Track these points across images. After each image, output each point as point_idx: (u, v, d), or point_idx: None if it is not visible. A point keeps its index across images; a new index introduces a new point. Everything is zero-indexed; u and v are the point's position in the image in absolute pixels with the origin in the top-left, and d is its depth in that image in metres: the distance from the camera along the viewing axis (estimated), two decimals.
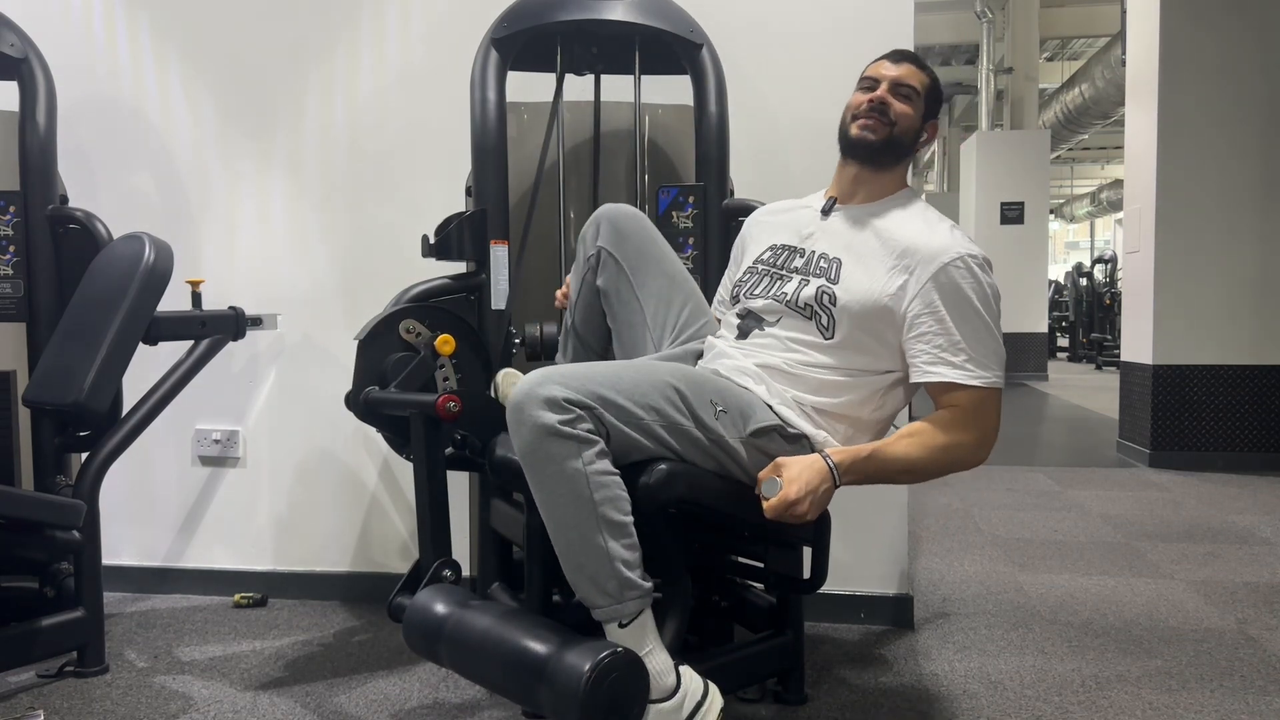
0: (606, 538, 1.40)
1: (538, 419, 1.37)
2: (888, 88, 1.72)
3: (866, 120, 1.71)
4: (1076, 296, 14.31)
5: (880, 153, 1.73)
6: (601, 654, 1.35)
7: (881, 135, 1.71)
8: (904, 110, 1.72)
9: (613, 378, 1.46)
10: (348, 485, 2.74)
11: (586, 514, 1.39)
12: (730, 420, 1.55)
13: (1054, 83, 13.18)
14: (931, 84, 1.77)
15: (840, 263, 1.69)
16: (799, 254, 1.76)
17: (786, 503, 1.46)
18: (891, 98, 1.72)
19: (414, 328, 1.96)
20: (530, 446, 1.39)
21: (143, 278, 2.10)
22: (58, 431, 2.24)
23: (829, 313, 1.66)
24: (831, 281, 1.68)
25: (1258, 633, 2.46)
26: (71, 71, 2.60)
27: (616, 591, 1.41)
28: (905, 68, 1.74)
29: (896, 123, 1.72)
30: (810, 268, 1.72)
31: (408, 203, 2.66)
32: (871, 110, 1.71)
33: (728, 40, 2.22)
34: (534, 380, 1.41)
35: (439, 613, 1.56)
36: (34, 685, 2.09)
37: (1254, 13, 4.93)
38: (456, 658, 1.54)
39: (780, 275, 1.75)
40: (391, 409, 1.87)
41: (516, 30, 2.09)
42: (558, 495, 1.39)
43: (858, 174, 1.76)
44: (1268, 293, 4.99)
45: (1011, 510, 3.99)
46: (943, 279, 1.62)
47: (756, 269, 1.80)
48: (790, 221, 1.83)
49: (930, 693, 2.06)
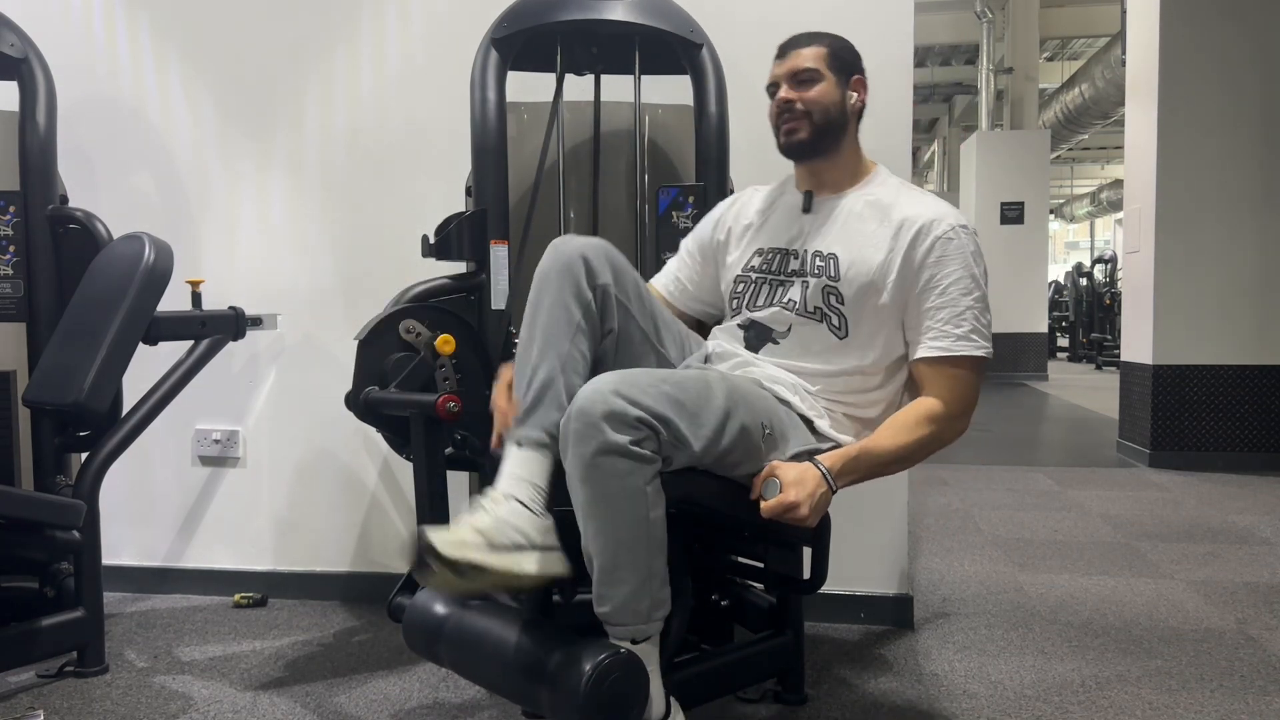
0: (654, 558, 1.40)
1: (606, 436, 1.35)
2: (787, 84, 1.72)
3: (785, 125, 1.72)
4: (1076, 296, 14.31)
5: (817, 143, 1.72)
6: (602, 655, 1.35)
7: (806, 132, 1.71)
8: (812, 95, 1.71)
9: (677, 397, 1.43)
10: (348, 485, 2.74)
11: (642, 533, 1.38)
12: (773, 441, 1.57)
13: (1054, 83, 13.18)
14: (830, 50, 1.74)
15: (836, 257, 1.69)
16: (793, 256, 1.74)
17: (785, 505, 1.46)
18: (794, 91, 1.71)
19: (414, 328, 1.96)
20: (592, 460, 1.36)
21: (143, 278, 2.10)
22: (58, 431, 2.24)
23: (838, 312, 1.67)
24: (833, 279, 1.67)
25: (1258, 633, 2.46)
26: (71, 71, 2.60)
27: (647, 611, 1.41)
28: (794, 55, 1.73)
29: (813, 110, 1.70)
30: (808, 268, 1.71)
31: (408, 203, 2.66)
32: (783, 113, 1.72)
33: (728, 40, 2.22)
34: (602, 392, 1.37)
35: (439, 613, 1.56)
36: (34, 685, 2.09)
37: (1253, 13, 4.93)
38: (456, 658, 1.54)
39: (780, 281, 1.73)
40: (392, 409, 1.87)
41: (516, 30, 2.09)
42: (616, 511, 1.38)
43: (815, 168, 1.77)
44: (1267, 293, 4.99)
45: (1011, 510, 3.99)
46: (940, 251, 1.63)
47: (750, 277, 1.78)
48: (773, 220, 1.81)
49: (930, 693, 2.06)
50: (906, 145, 2.48)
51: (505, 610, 1.57)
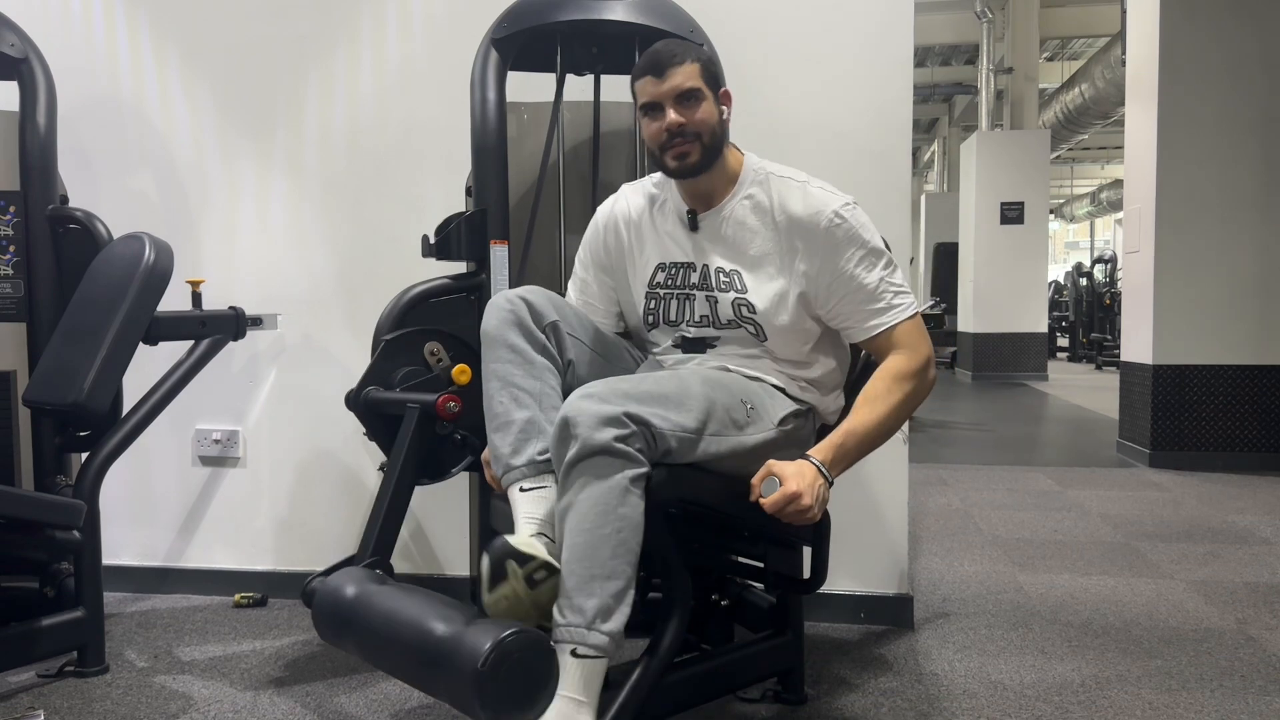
0: (617, 558, 1.39)
1: (589, 436, 1.38)
2: (672, 106, 1.65)
3: (675, 149, 1.66)
4: (1076, 296, 14.30)
5: (707, 163, 1.69)
6: (505, 632, 1.25)
7: (697, 153, 1.67)
8: (698, 115, 1.66)
9: (656, 391, 1.48)
10: (348, 485, 2.74)
11: (608, 529, 1.38)
12: (757, 415, 1.61)
13: (1054, 83, 13.18)
14: (703, 64, 1.68)
15: (739, 274, 1.72)
16: (692, 270, 1.75)
17: (788, 495, 1.47)
18: (681, 113, 1.65)
19: (438, 351, 1.97)
20: (577, 462, 1.39)
21: (143, 278, 2.10)
22: (58, 431, 2.24)
23: (752, 322, 1.71)
24: (741, 292, 1.71)
25: (1258, 633, 2.46)
26: (71, 71, 2.60)
27: (591, 613, 1.36)
28: (671, 74, 1.64)
29: (700, 129, 1.66)
30: (712, 283, 1.73)
31: (408, 202, 2.66)
32: (674, 137, 1.66)
33: (728, 40, 2.22)
34: (583, 397, 1.42)
35: (348, 595, 1.46)
36: (34, 685, 2.09)
37: (1254, 13, 4.93)
38: (363, 641, 1.44)
39: (685, 294, 1.76)
40: (392, 408, 1.87)
41: (516, 30, 2.09)
42: (588, 506, 1.39)
43: (698, 184, 1.73)
44: (1268, 293, 4.99)
45: (1011, 510, 3.99)
46: (829, 242, 1.66)
47: (657, 294, 1.79)
48: (662, 234, 1.79)
49: (930, 693, 2.06)
50: (906, 145, 2.48)
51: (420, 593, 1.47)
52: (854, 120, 2.46)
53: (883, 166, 2.46)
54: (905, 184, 2.48)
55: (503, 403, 1.56)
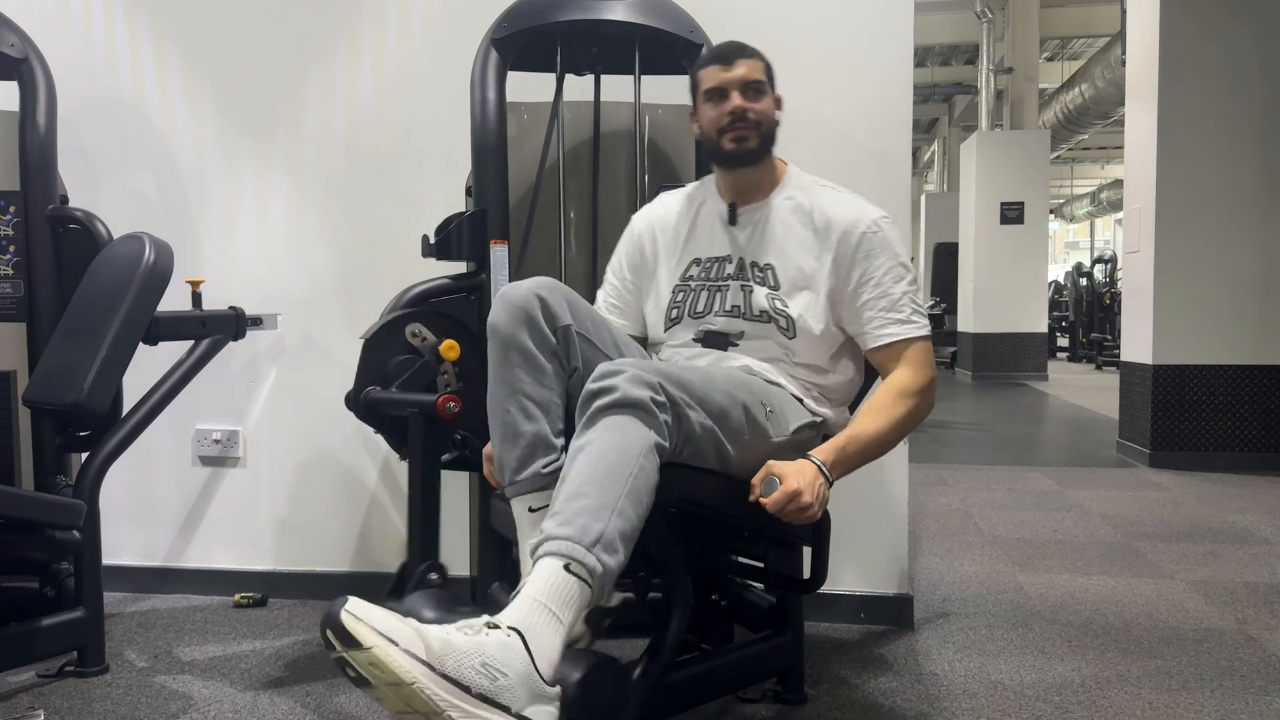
0: (628, 500, 1.30)
1: (624, 390, 1.36)
2: (739, 93, 1.73)
3: (736, 132, 1.73)
4: (1076, 296, 14.31)
5: (761, 153, 1.77)
6: (586, 662, 1.31)
7: (755, 140, 1.74)
8: (761, 107, 1.75)
9: (683, 378, 1.48)
10: (348, 485, 2.74)
11: (625, 470, 1.31)
12: (776, 420, 1.62)
13: (1054, 83, 13.18)
14: (767, 64, 1.78)
15: (773, 268, 1.75)
16: (728, 261, 1.78)
17: (789, 494, 1.47)
18: (746, 101, 1.73)
19: (420, 332, 1.96)
20: (606, 411, 1.35)
21: (143, 278, 2.10)
22: (58, 431, 2.24)
23: (785, 316, 1.72)
24: (774, 288, 1.73)
25: (1258, 633, 2.46)
26: (71, 71, 2.60)
27: (595, 537, 1.26)
28: (742, 64, 1.74)
29: (761, 121, 1.74)
30: (747, 274, 1.76)
31: (408, 202, 2.66)
32: (735, 121, 1.73)
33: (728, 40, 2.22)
34: (620, 364, 1.41)
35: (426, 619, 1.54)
36: (34, 685, 2.09)
37: (1254, 13, 4.93)
38: None
39: (718, 287, 1.77)
40: (392, 409, 1.87)
41: (516, 30, 2.09)
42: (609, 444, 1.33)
43: (743, 177, 1.79)
44: (1268, 293, 4.99)
45: (1011, 510, 3.99)
46: (867, 247, 1.71)
47: (689, 286, 1.80)
48: (700, 231, 1.83)
49: (930, 693, 2.06)
50: (906, 145, 2.48)
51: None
52: (854, 120, 2.46)
53: (883, 166, 2.46)
54: (905, 184, 2.48)
55: (510, 411, 1.52)
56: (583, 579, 1.25)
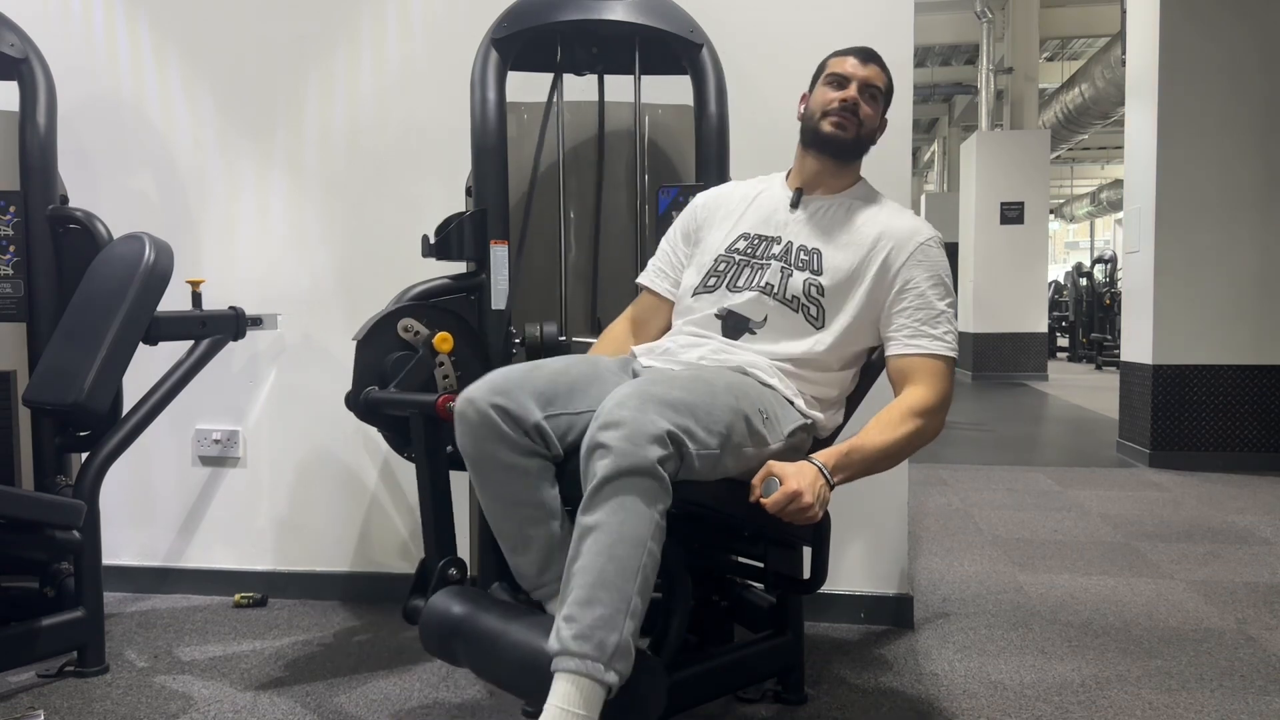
0: (640, 595, 1.34)
1: (635, 454, 1.33)
2: (858, 88, 1.77)
3: (839, 118, 1.77)
4: (1076, 296, 14.30)
5: (849, 150, 1.80)
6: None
7: (852, 134, 1.78)
8: (871, 112, 1.79)
9: (688, 400, 1.44)
10: (348, 485, 2.74)
11: (635, 561, 1.33)
12: (772, 425, 1.61)
13: (1054, 83, 13.17)
14: (889, 84, 1.84)
15: (820, 253, 1.75)
16: (775, 242, 1.79)
17: (789, 494, 1.46)
18: (862, 99, 1.77)
19: (412, 326, 1.96)
20: (615, 477, 1.33)
21: (143, 278, 2.10)
22: (58, 431, 2.24)
23: (818, 304, 1.72)
24: (815, 273, 1.73)
25: (1258, 633, 2.46)
26: (71, 71, 2.60)
27: (611, 650, 1.30)
28: (873, 69, 1.79)
29: (864, 123, 1.79)
30: (791, 258, 1.76)
31: (408, 203, 2.66)
32: (844, 109, 1.76)
33: (728, 40, 2.22)
34: (628, 406, 1.37)
35: (455, 613, 1.55)
36: (34, 685, 2.09)
37: (1254, 13, 4.93)
38: (474, 658, 1.54)
39: (760, 264, 1.77)
40: (392, 409, 1.87)
41: (516, 30, 2.09)
42: (621, 528, 1.33)
43: (823, 167, 1.82)
44: (1268, 293, 4.99)
45: (1011, 510, 3.99)
46: (920, 257, 1.73)
47: (733, 258, 1.80)
48: (758, 209, 1.85)
49: (930, 693, 2.06)
50: (906, 145, 2.48)
51: (521, 610, 1.56)
52: None
53: (883, 166, 2.44)
54: (905, 184, 2.48)
55: (512, 520, 1.54)
56: (603, 686, 1.31)
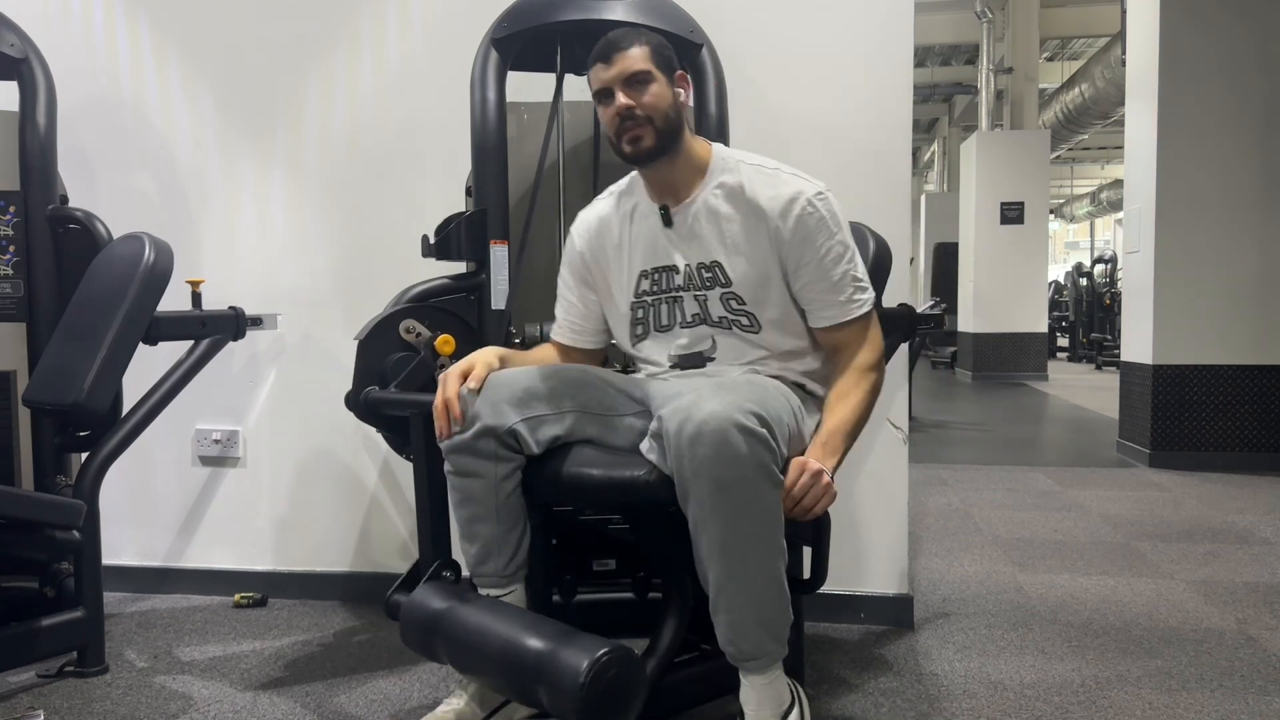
0: (785, 578, 1.46)
1: (757, 455, 1.39)
2: (621, 90, 1.65)
3: (628, 133, 1.65)
4: (1076, 296, 14.30)
5: (663, 147, 1.67)
6: (599, 651, 1.36)
7: (650, 136, 1.65)
8: (647, 98, 1.65)
9: (762, 397, 1.49)
10: (348, 485, 2.74)
11: (777, 556, 1.44)
12: (801, 415, 1.63)
13: (1054, 83, 13.17)
14: (653, 47, 1.67)
15: (720, 265, 1.70)
16: (674, 272, 1.74)
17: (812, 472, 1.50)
18: (630, 96, 1.64)
19: (414, 327, 1.96)
20: (735, 480, 1.38)
21: (143, 278, 2.10)
22: (58, 431, 2.24)
23: (744, 314, 1.70)
24: (726, 285, 1.70)
25: (1258, 633, 2.46)
26: (71, 71, 2.60)
27: (784, 634, 1.47)
28: (619, 60, 1.65)
29: (651, 114, 1.65)
30: (696, 281, 1.72)
31: (408, 203, 2.66)
32: (624, 121, 1.65)
33: (728, 40, 2.22)
34: (730, 404, 1.40)
35: (435, 608, 1.56)
36: (34, 685, 2.09)
37: (1254, 13, 4.93)
38: (454, 653, 1.54)
39: (673, 297, 1.74)
40: (392, 409, 1.87)
41: (516, 30, 2.09)
42: (758, 536, 1.42)
43: (662, 174, 1.72)
44: (1268, 293, 4.98)
45: (1011, 510, 3.99)
46: (802, 229, 1.66)
47: (646, 301, 1.77)
48: (639, 240, 1.77)
49: (930, 693, 2.06)
50: (906, 145, 2.48)
51: (501, 606, 1.57)
52: (854, 120, 2.46)
53: (883, 166, 2.46)
54: (905, 184, 2.48)
55: (465, 511, 1.63)
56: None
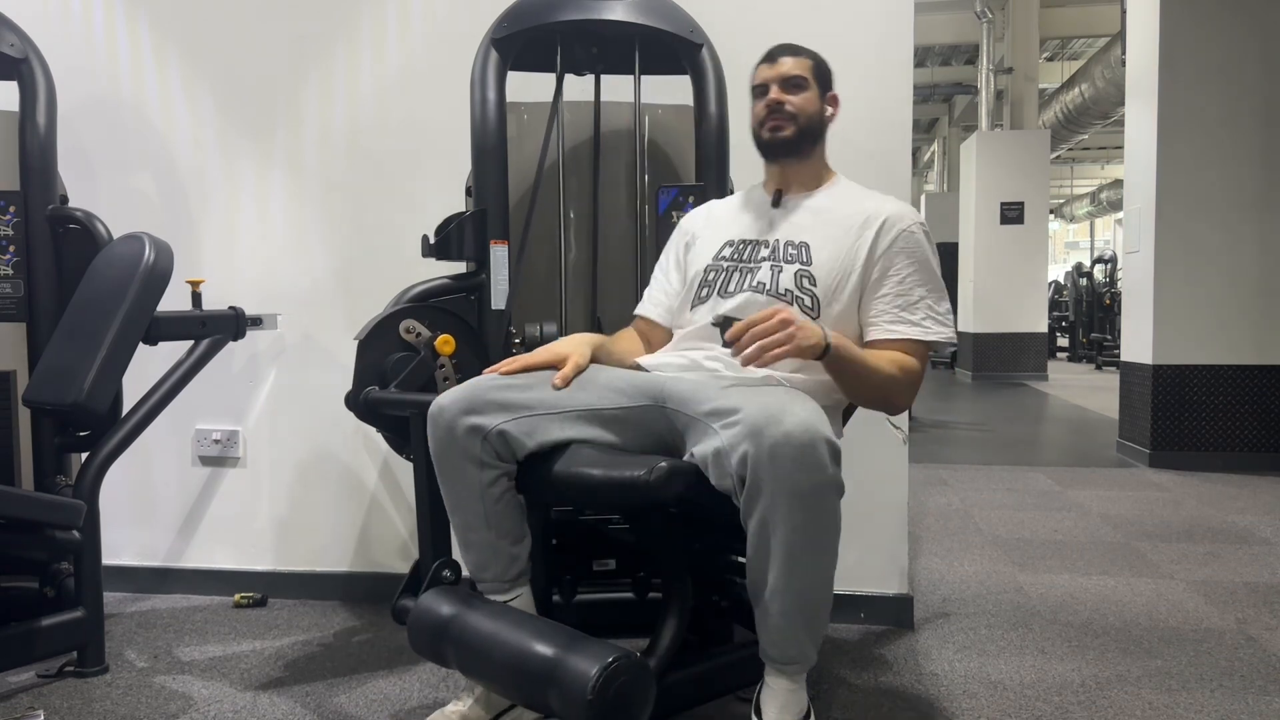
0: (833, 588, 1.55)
1: (836, 475, 1.44)
2: (778, 87, 1.81)
3: (772, 122, 1.81)
4: (1076, 296, 14.30)
5: (797, 143, 1.81)
6: (609, 657, 1.36)
7: (791, 129, 1.80)
8: (799, 100, 1.81)
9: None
10: (348, 485, 2.74)
11: (833, 567, 1.53)
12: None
13: (1054, 83, 13.17)
14: (815, 63, 1.85)
15: (808, 245, 1.77)
16: (763, 245, 1.81)
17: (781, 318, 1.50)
18: (785, 94, 1.80)
19: (414, 327, 1.96)
20: (812, 490, 1.42)
21: (143, 278, 2.10)
22: (58, 431, 2.24)
23: (810, 294, 1.74)
24: (805, 264, 1.75)
25: (1258, 633, 2.46)
26: (71, 71, 2.60)
27: (820, 642, 1.55)
28: (785, 62, 1.82)
29: (799, 113, 1.80)
30: (779, 255, 1.78)
31: (408, 203, 2.66)
32: (772, 113, 1.81)
33: (728, 40, 2.22)
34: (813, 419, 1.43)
35: (443, 614, 1.56)
36: (34, 685, 2.09)
37: (1254, 13, 4.93)
38: (462, 658, 1.55)
39: (749, 268, 1.79)
40: (392, 409, 1.87)
41: (516, 30, 2.09)
42: (823, 546, 1.48)
43: (786, 168, 1.85)
44: (1268, 293, 4.99)
45: (1011, 510, 3.99)
46: (901, 244, 1.75)
47: (720, 266, 1.83)
48: (740, 217, 1.89)
49: (930, 693, 2.06)
50: (906, 145, 2.48)
51: (509, 611, 1.57)
52: (854, 120, 2.44)
53: (883, 166, 2.46)
54: (905, 184, 2.48)
55: (460, 516, 1.66)
56: None
